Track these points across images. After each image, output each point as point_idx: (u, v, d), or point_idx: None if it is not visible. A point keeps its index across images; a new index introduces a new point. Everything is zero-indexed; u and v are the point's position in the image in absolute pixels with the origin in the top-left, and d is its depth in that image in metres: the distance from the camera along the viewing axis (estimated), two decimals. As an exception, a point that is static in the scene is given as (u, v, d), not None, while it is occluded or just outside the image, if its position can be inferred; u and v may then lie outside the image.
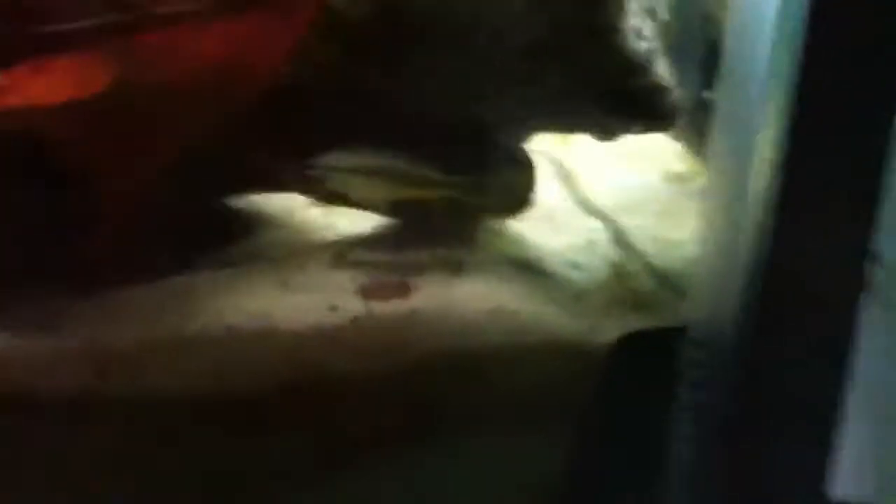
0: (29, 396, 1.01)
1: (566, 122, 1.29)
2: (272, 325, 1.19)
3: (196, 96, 1.12)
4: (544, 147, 1.48)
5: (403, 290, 1.29)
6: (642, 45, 1.22)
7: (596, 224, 1.45)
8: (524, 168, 1.34)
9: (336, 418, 1.09)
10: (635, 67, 1.22)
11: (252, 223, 1.44)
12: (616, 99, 1.23)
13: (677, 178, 1.53)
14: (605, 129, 1.28)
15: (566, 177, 1.55)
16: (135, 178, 1.17)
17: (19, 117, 1.06)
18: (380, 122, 1.31)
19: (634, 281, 1.33)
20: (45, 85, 1.06)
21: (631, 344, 1.12)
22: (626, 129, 1.30)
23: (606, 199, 1.50)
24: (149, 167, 1.17)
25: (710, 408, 0.95)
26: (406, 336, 1.17)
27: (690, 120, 1.38)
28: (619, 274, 1.36)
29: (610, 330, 1.19)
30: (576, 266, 1.38)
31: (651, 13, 1.28)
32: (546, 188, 1.49)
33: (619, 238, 1.42)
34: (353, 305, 1.25)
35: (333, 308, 1.24)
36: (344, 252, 1.40)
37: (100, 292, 1.19)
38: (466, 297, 1.24)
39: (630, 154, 1.55)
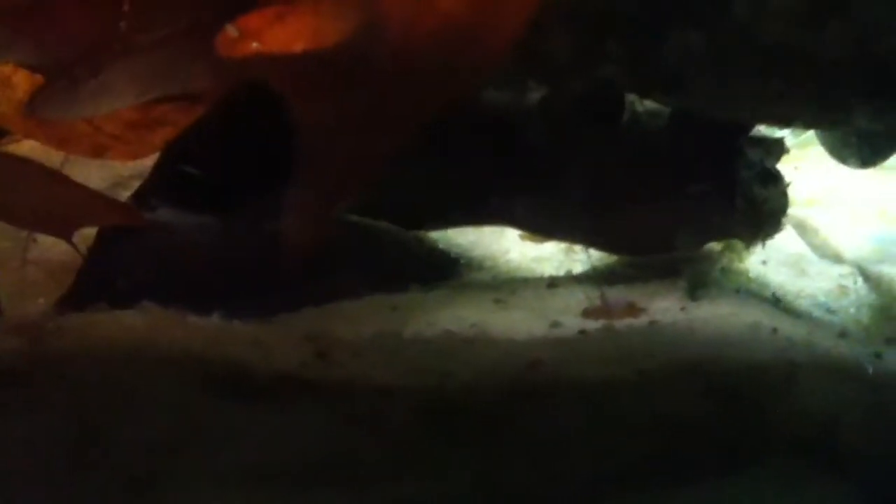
0: (249, 374, 0.88)
1: (829, 114, 1.10)
2: (489, 333, 1.05)
3: (439, 58, 0.99)
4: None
5: (633, 312, 1.12)
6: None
7: (844, 270, 1.28)
8: (775, 184, 1.17)
9: (561, 422, 0.92)
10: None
11: (460, 251, 1.33)
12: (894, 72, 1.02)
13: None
14: (877, 119, 1.08)
15: (808, 228, 1.40)
16: (365, 156, 1.04)
17: (255, 67, 0.96)
18: (616, 128, 1.18)
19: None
20: (285, 32, 0.96)
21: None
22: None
23: (859, 250, 1.35)
24: (382, 141, 1.03)
25: None
26: (647, 348, 1.00)
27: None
28: (885, 316, 1.17)
29: (893, 356, 1.00)
30: (829, 310, 1.20)
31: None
32: (787, 237, 1.34)
33: (878, 285, 1.24)
34: (575, 323, 1.09)
35: (556, 324, 1.08)
36: (558, 281, 1.26)
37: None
38: (711, 316, 1.07)
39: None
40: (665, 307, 1.10)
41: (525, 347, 1.02)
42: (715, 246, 1.25)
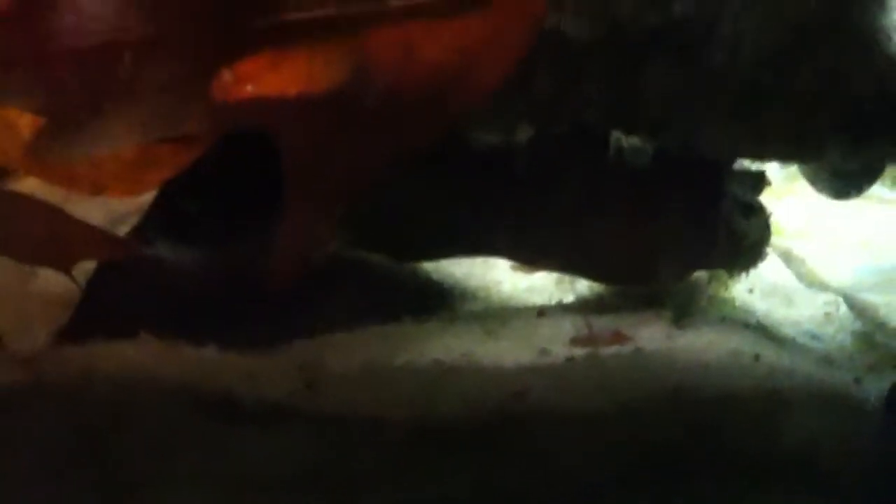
0: (238, 401, 0.91)
1: (802, 153, 1.14)
2: (478, 362, 1.07)
3: (422, 103, 1.03)
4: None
5: (620, 339, 1.15)
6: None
7: (829, 299, 1.31)
8: (757, 216, 1.21)
9: (541, 446, 0.94)
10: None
11: (453, 282, 1.36)
12: (866, 112, 1.07)
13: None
14: (849, 157, 1.12)
15: (794, 258, 1.43)
16: (352, 187, 1.07)
17: (250, 110, 1.00)
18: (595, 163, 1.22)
19: (890, 348, 1.17)
20: (279, 78, 1.00)
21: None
22: (872, 154, 1.13)
23: (843, 279, 1.38)
24: (366, 176, 1.07)
25: None
26: (631, 375, 1.03)
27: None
28: (868, 343, 1.19)
29: (874, 382, 1.03)
30: (814, 337, 1.23)
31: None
32: (773, 267, 1.37)
33: (863, 313, 1.27)
34: (563, 351, 1.12)
35: (544, 352, 1.11)
36: (547, 310, 1.29)
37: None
38: (695, 344, 1.09)
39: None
40: (650, 335, 1.13)
41: (512, 376, 1.05)
42: (702, 275, 1.28)
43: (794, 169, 1.48)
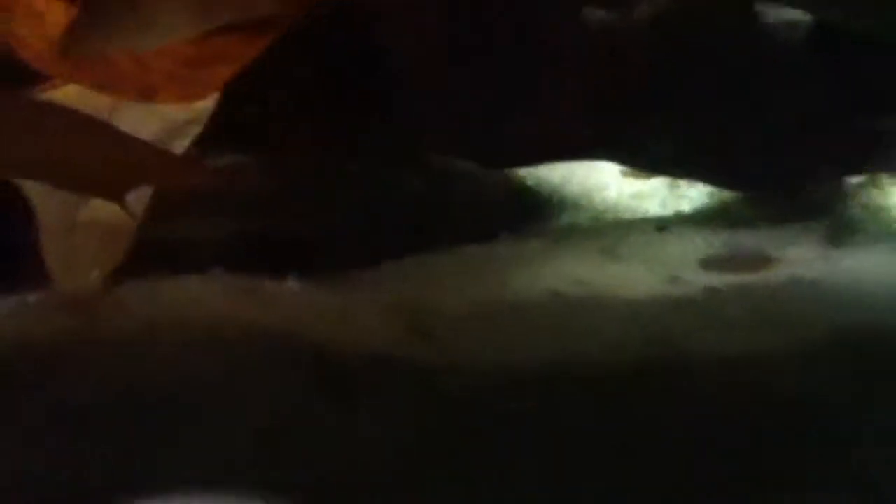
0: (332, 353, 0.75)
1: None
2: (602, 294, 0.91)
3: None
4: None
5: (762, 263, 0.98)
6: None
7: None
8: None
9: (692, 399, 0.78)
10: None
11: (550, 189, 1.19)
12: None
13: None
14: None
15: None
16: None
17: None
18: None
19: None
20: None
21: None
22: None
23: None
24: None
25: None
26: (786, 309, 0.86)
27: None
28: None
29: None
30: None
31: None
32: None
33: None
34: (699, 277, 0.95)
35: (674, 279, 0.94)
36: (669, 224, 1.11)
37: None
38: (863, 267, 0.92)
39: None
40: (803, 256, 0.96)
41: (647, 312, 0.88)
42: (852, 180, 1.09)
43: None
